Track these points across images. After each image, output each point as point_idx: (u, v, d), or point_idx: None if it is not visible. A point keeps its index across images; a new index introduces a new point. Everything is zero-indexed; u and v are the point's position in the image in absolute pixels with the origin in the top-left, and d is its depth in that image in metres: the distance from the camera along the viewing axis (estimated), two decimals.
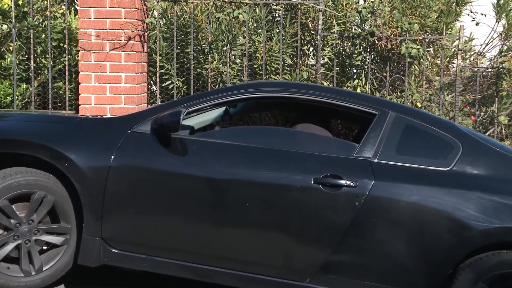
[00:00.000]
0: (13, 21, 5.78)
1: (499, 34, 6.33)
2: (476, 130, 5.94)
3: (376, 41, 5.74)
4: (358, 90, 5.89)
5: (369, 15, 5.68)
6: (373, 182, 3.40)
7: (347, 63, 6.04)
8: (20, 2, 6.21)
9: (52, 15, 6.15)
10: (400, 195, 3.38)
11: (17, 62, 5.98)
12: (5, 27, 5.86)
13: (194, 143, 3.57)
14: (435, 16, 6.14)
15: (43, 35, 6.12)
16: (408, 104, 5.87)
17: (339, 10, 5.98)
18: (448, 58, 6.46)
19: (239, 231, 3.46)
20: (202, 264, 3.51)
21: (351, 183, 3.39)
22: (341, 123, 5.37)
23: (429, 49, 6.24)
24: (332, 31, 6.03)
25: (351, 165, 3.47)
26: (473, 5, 6.27)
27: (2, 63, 6.07)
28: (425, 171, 3.46)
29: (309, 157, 3.51)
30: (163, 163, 3.50)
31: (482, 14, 6.09)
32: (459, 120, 5.81)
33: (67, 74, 5.81)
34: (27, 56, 6.07)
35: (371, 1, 5.91)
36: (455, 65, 6.30)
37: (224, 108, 4.29)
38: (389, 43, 5.70)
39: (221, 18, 5.73)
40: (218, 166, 3.48)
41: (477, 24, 6.03)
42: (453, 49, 6.41)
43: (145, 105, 5.75)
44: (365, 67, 5.96)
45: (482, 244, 3.33)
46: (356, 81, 5.97)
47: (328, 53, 6.18)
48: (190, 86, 5.74)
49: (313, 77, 5.90)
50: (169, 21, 6.14)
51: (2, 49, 6.00)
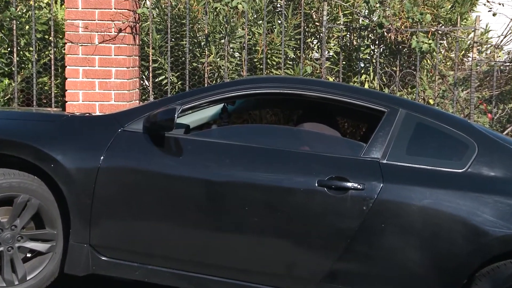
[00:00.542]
0: None
1: None
2: (493, 128, 5.95)
3: (385, 33, 5.74)
4: (366, 86, 5.90)
5: (377, 5, 5.69)
6: (381, 185, 3.40)
7: (354, 57, 6.05)
8: None
9: (36, 4, 6.15)
10: (411, 198, 3.38)
11: None
12: None
13: (189, 142, 3.57)
14: (449, 6, 6.15)
15: (27, 27, 6.12)
16: (420, 101, 5.88)
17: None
18: (463, 51, 6.46)
19: (238, 237, 3.47)
20: (198, 272, 3.51)
21: (358, 186, 3.40)
22: (347, 121, 5.37)
23: (442, 41, 6.24)
24: (338, 22, 6.04)
25: (358, 166, 3.48)
26: None
27: None
28: (438, 173, 3.46)
29: (313, 158, 3.51)
30: (156, 164, 3.51)
31: (500, 4, 6.10)
32: (474, 118, 5.82)
33: (52, 68, 5.81)
34: (9, 49, 6.07)
35: None
36: (470, 58, 6.31)
37: (221, 106, 4.29)
38: (399, 35, 5.70)
39: (218, 8, 5.74)
40: (216, 167, 3.48)
41: (494, 14, 6.03)
42: (468, 42, 6.41)
43: (137, 102, 5.76)
44: (373, 61, 5.97)
45: (499, 252, 3.34)
46: (363, 76, 5.98)
47: (333, 46, 6.18)
48: (185, 81, 5.75)
49: (317, 72, 5.91)
50: (162, 11, 6.14)
51: None
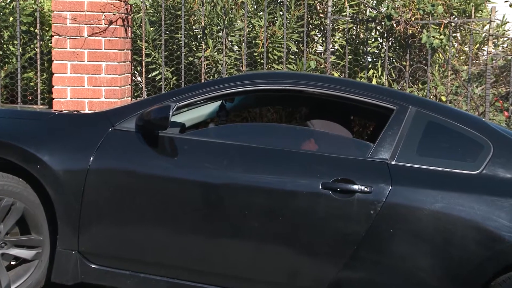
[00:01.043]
0: None
1: None
2: (509, 127, 5.96)
3: (394, 26, 5.75)
4: (374, 82, 5.90)
5: None
6: (390, 188, 3.41)
7: (360, 51, 6.05)
8: None
9: None
10: (422, 202, 3.39)
11: None
12: None
13: (185, 142, 3.58)
14: None
15: (11, 18, 6.13)
16: (431, 97, 5.89)
17: None
18: (478, 45, 6.47)
19: (237, 243, 3.47)
20: (195, 281, 3.52)
21: (366, 189, 3.41)
22: (353, 119, 5.38)
23: (455, 34, 6.25)
24: (344, 13, 6.04)
25: (366, 167, 3.48)
26: None
27: None
28: (451, 174, 3.47)
29: (317, 159, 3.52)
30: (149, 166, 3.51)
31: None
32: (490, 116, 5.83)
33: (38, 63, 5.82)
34: None
35: None
36: (485, 52, 6.31)
37: (219, 103, 4.30)
38: (409, 28, 5.71)
39: None
40: (213, 169, 3.49)
41: (511, 5, 6.04)
42: (483, 35, 6.42)
43: (129, 99, 5.76)
44: (382, 55, 5.97)
45: None
46: (371, 72, 5.98)
47: (339, 39, 6.19)
48: (181, 77, 5.75)
49: (321, 66, 5.92)
50: (156, 2, 6.15)
51: None
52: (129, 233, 3.53)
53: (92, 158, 3.51)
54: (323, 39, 6.19)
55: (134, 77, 6.21)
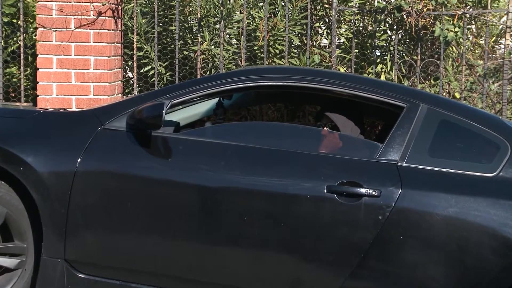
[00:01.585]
0: None
1: None
2: None
3: (405, 17, 5.75)
4: (382, 78, 5.91)
5: None
6: (400, 191, 3.41)
7: (368, 44, 6.05)
8: None
9: None
10: (434, 207, 3.39)
11: None
12: None
13: (180, 142, 3.58)
14: None
15: None
16: (444, 94, 5.89)
17: None
18: (494, 38, 6.47)
19: (235, 251, 3.47)
20: None
21: (373, 192, 3.41)
22: (364, 120, 5.37)
23: (470, 26, 6.25)
24: (350, 4, 6.05)
25: (373, 169, 3.49)
26: None
27: None
28: (465, 177, 3.47)
29: (322, 160, 3.52)
30: (141, 168, 3.52)
31: None
32: (507, 115, 5.83)
33: (22, 57, 5.82)
34: None
35: None
36: (502, 46, 6.31)
37: (216, 100, 4.30)
38: (420, 20, 5.71)
39: None
40: (210, 171, 3.49)
41: None
42: (500, 27, 6.42)
43: (120, 96, 5.77)
44: (391, 49, 5.98)
45: None
46: (379, 66, 5.99)
47: (345, 31, 6.19)
48: (175, 72, 5.75)
49: (326, 61, 5.92)
50: None
51: None
52: (119, 240, 3.53)
53: (79, 160, 3.51)
54: (328, 31, 6.19)
55: (125, 73, 6.22)
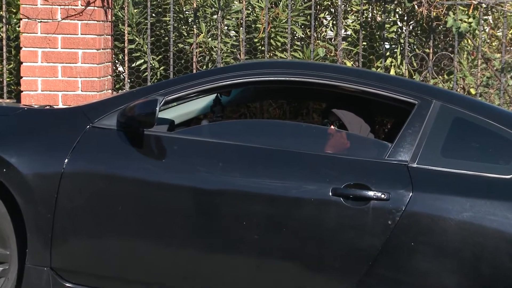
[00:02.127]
0: None
1: None
2: None
3: (416, 7, 5.75)
4: (392, 72, 5.91)
5: None
6: (411, 194, 3.42)
7: (377, 37, 6.06)
8: None
9: None
10: (447, 211, 3.40)
11: None
12: None
13: (174, 142, 3.59)
14: None
15: None
16: (459, 90, 5.89)
17: None
18: None
19: (233, 258, 3.48)
20: None
21: (382, 196, 3.41)
22: (375, 117, 5.38)
23: (486, 17, 6.25)
24: None
25: (382, 171, 3.49)
26: None
27: None
28: (481, 179, 3.48)
29: (327, 161, 3.53)
30: (133, 169, 3.52)
31: None
32: None
33: (4, 50, 5.82)
34: None
35: None
36: None
37: (214, 96, 4.31)
38: (433, 10, 5.71)
39: None
40: (207, 172, 3.50)
41: None
42: None
43: (110, 91, 5.77)
44: (401, 41, 5.98)
45: None
46: (389, 60, 5.99)
47: (352, 23, 6.19)
48: (169, 66, 5.76)
49: (331, 54, 5.92)
50: None
51: None
52: (109, 247, 3.53)
53: (66, 160, 3.52)
54: (334, 22, 6.20)
55: (115, 67, 6.22)
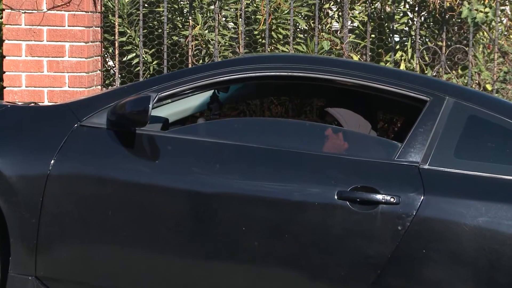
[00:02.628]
0: None
1: None
2: None
3: None
4: (402, 67, 5.91)
5: None
6: (422, 198, 3.42)
7: (386, 28, 6.06)
8: None
9: None
10: (462, 216, 3.39)
11: None
12: None
13: (168, 141, 3.59)
14: None
15: None
16: (474, 86, 5.89)
17: None
18: None
19: (232, 267, 3.48)
20: None
21: (392, 199, 3.42)
22: (378, 114, 5.39)
23: (504, 7, 6.25)
24: None
25: (391, 173, 3.49)
26: None
27: None
28: (497, 182, 3.48)
29: (332, 162, 3.53)
30: (124, 171, 3.52)
31: None
32: None
33: None
34: None
35: None
36: None
37: (211, 93, 4.31)
38: (446, 0, 5.72)
39: None
40: (203, 174, 3.50)
41: None
42: None
43: (99, 87, 5.77)
44: (412, 33, 5.98)
45: None
46: (398, 54, 5.99)
47: (359, 14, 6.20)
48: (163, 61, 5.76)
49: (337, 48, 5.92)
50: None
51: None
52: (98, 254, 3.53)
53: (53, 162, 3.52)
54: (340, 13, 6.20)
55: (105, 61, 6.22)
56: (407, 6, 6.17)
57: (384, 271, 3.40)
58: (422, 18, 6.03)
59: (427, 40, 6.09)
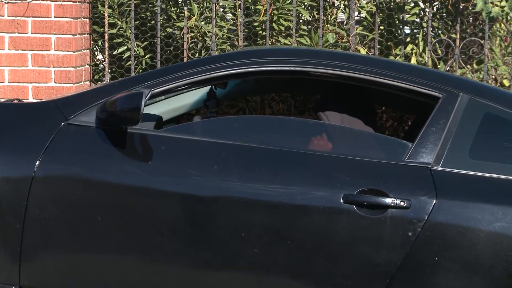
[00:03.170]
0: None
1: None
2: None
3: None
4: (413, 61, 5.92)
5: None
6: (434, 202, 3.42)
7: (395, 20, 6.06)
8: None
9: None
10: (477, 221, 3.40)
11: None
12: None
13: (162, 141, 3.59)
14: None
15: None
16: (490, 82, 5.90)
17: None
18: None
19: (231, 274, 3.48)
20: None
21: (402, 203, 3.42)
22: (385, 110, 5.39)
23: None
24: None
25: (401, 175, 3.50)
26: None
27: None
28: None
29: (338, 163, 3.54)
30: (114, 173, 3.52)
31: None
32: None
33: None
34: None
35: None
36: None
37: (207, 89, 4.31)
38: None
39: None
40: (200, 177, 3.50)
41: None
42: None
43: (87, 83, 5.78)
44: (424, 25, 5.99)
45: None
46: (409, 47, 5.99)
47: (367, 4, 6.20)
48: (156, 54, 5.76)
49: (343, 40, 5.93)
50: None
51: None
52: (87, 262, 3.54)
53: (38, 163, 3.52)
54: (346, 3, 6.20)
55: (93, 55, 6.23)
56: None
57: (393, 280, 3.41)
58: (435, 9, 6.04)
59: (439, 32, 6.09)
